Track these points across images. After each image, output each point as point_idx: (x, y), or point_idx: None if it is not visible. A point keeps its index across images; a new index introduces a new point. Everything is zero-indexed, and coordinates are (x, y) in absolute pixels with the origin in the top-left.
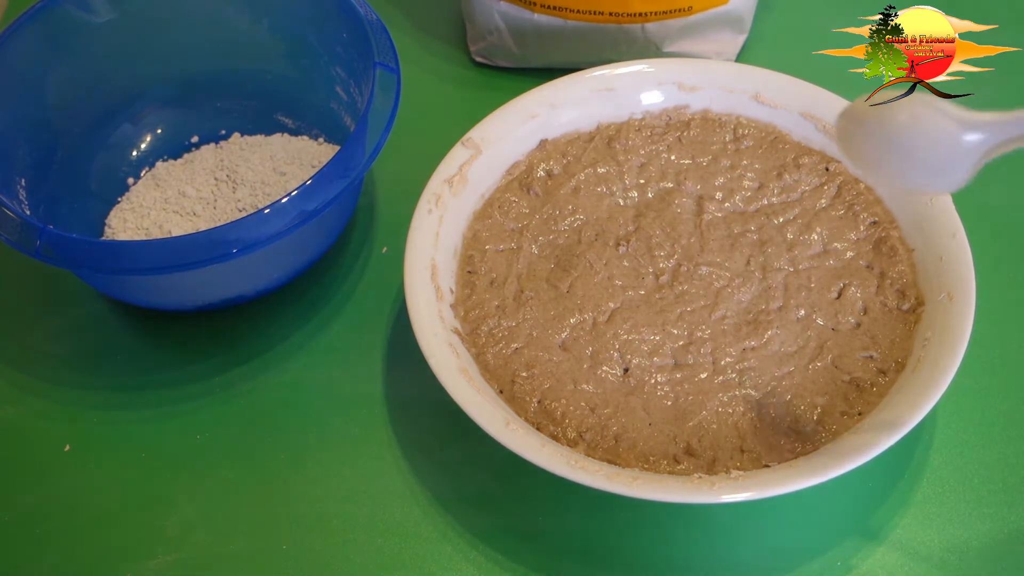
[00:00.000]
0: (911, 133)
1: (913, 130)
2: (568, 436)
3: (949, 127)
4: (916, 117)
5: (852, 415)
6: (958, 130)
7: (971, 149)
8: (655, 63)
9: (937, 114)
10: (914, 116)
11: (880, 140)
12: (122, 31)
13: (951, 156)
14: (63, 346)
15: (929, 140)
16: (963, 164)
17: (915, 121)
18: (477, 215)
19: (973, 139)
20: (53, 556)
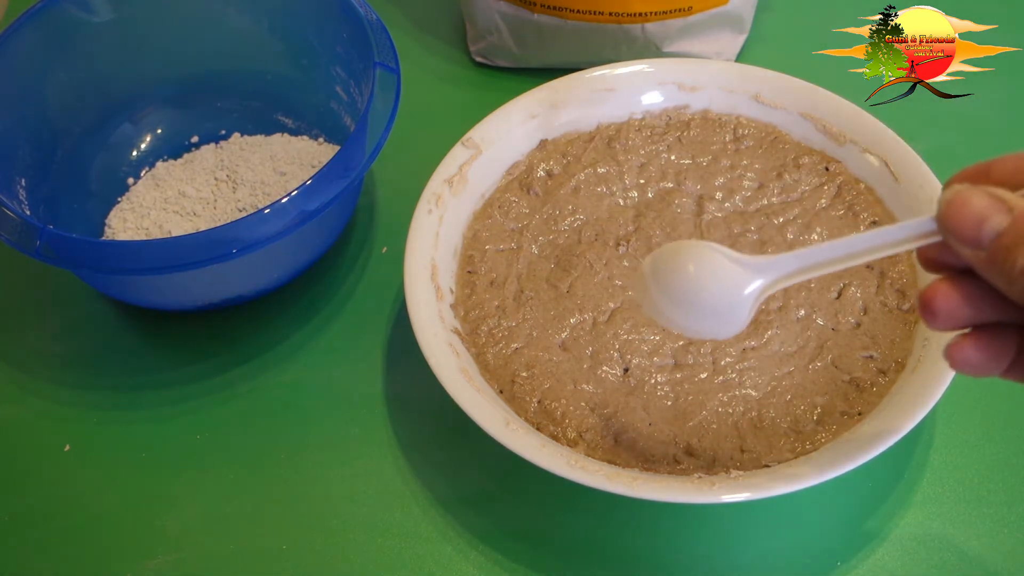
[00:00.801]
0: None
1: (705, 279)
2: (568, 436)
3: (740, 273)
4: (706, 266)
5: (852, 415)
6: (746, 273)
7: (753, 292)
8: (655, 63)
9: (727, 261)
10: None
11: (673, 291)
12: (122, 31)
13: (737, 301)
14: (63, 346)
15: (720, 288)
16: (745, 307)
17: (706, 271)
18: (477, 215)
19: (756, 283)
20: (53, 556)
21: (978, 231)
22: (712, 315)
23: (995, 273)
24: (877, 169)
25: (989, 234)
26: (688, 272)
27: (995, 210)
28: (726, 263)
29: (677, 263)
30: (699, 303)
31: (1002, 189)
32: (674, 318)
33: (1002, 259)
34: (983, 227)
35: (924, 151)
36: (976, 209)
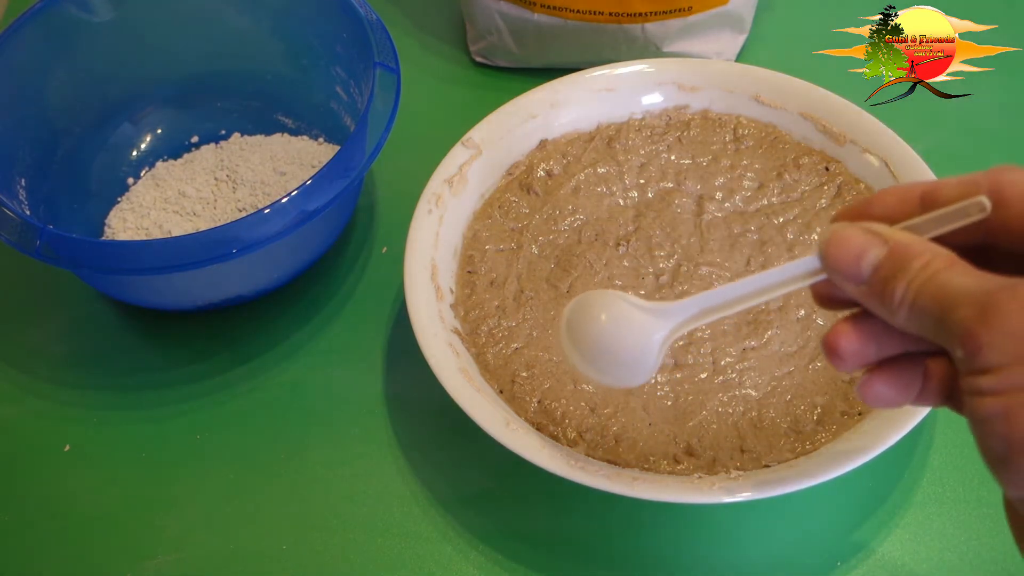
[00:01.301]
0: (617, 330)
1: (620, 327)
2: (568, 436)
3: (644, 319)
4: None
5: (852, 415)
6: (650, 318)
7: (660, 336)
8: (655, 63)
9: (633, 308)
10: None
11: (587, 344)
12: (122, 31)
13: (646, 347)
14: (63, 346)
15: (632, 333)
16: (654, 353)
17: (621, 319)
18: (477, 215)
19: (662, 325)
20: (53, 556)
21: (858, 266)
22: (622, 365)
23: (877, 305)
24: (877, 169)
25: (867, 268)
26: (600, 322)
27: (872, 244)
28: (634, 312)
29: (590, 315)
30: (610, 354)
31: (879, 224)
32: (588, 372)
33: (881, 290)
34: (861, 262)
35: (924, 151)
36: (854, 245)
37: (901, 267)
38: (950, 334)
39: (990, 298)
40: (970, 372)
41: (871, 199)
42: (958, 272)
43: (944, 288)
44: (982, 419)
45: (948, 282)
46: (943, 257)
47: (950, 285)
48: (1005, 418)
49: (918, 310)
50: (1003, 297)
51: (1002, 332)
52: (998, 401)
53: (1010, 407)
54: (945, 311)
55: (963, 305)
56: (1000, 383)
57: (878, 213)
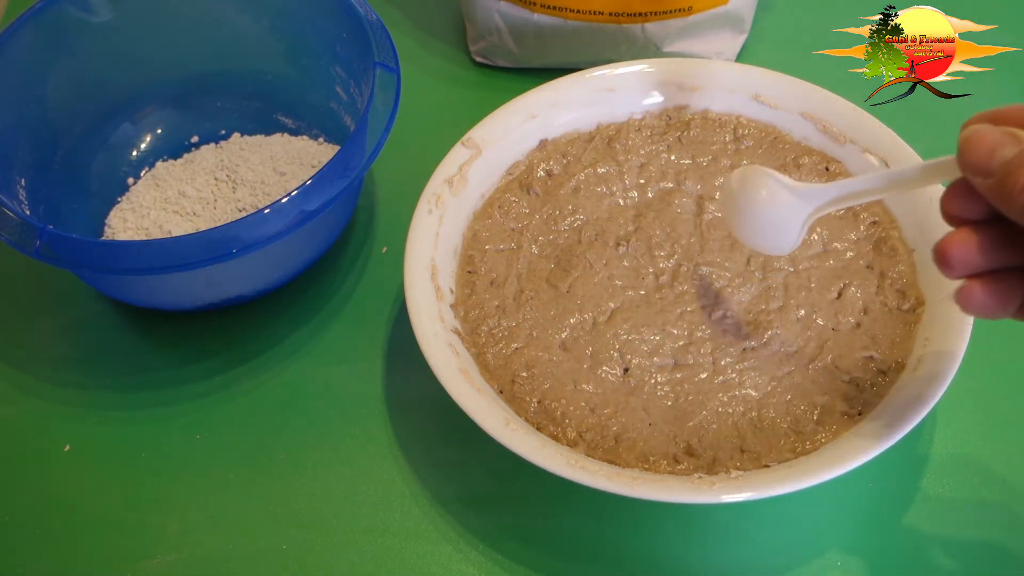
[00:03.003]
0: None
1: (768, 202)
2: (568, 436)
3: (790, 198)
4: (771, 192)
5: (852, 415)
6: (795, 198)
7: (803, 214)
8: (655, 63)
9: (782, 188)
10: (770, 191)
11: (743, 208)
12: (122, 31)
13: (790, 222)
14: (63, 346)
15: (778, 208)
16: (796, 228)
17: (771, 196)
18: (477, 215)
19: (805, 205)
20: (53, 556)
21: (989, 159)
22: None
23: (999, 195)
24: (877, 169)
25: (998, 161)
26: (760, 196)
27: (1006, 143)
28: (784, 192)
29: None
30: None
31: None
32: (746, 234)
33: (1006, 180)
34: (994, 156)
35: (924, 151)
36: (990, 141)
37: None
38: None
39: None
40: None
41: (1002, 111)
42: None
43: None
44: None
45: None
46: None
47: None
48: None
49: None
50: None
51: None
52: None
53: None
54: None
55: None
56: None
57: (1010, 122)
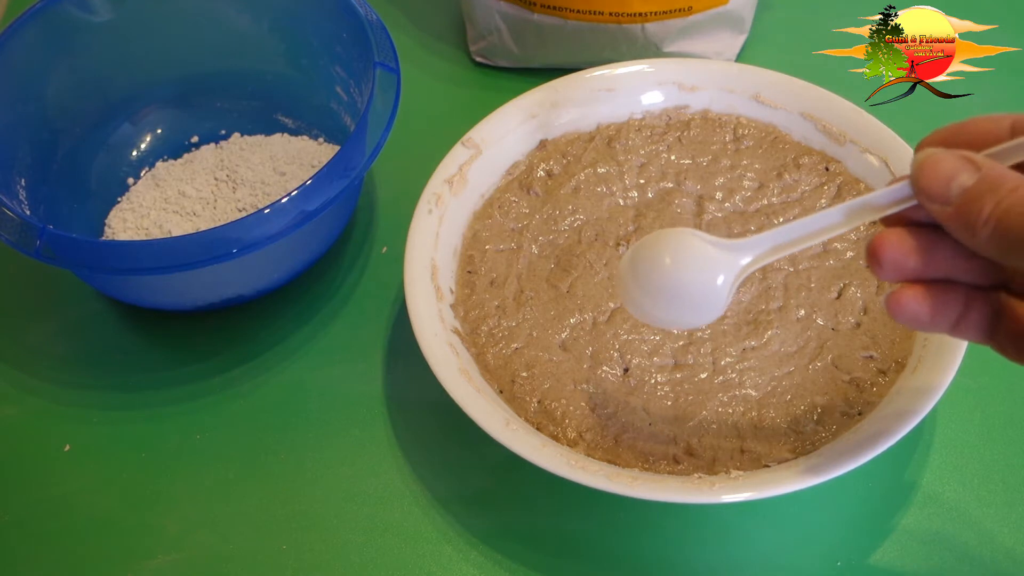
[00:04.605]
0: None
1: (683, 269)
2: (568, 436)
3: (715, 257)
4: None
5: (852, 415)
6: (722, 258)
7: (734, 274)
8: (655, 63)
9: (705, 246)
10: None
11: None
12: (122, 31)
13: (715, 288)
14: (63, 346)
15: (699, 275)
16: (726, 291)
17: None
18: (477, 215)
19: (735, 266)
20: (53, 556)
21: (947, 188)
22: (691, 305)
23: (960, 226)
24: (877, 169)
25: (957, 190)
26: (665, 264)
27: (963, 169)
28: (705, 248)
29: (654, 255)
30: (678, 294)
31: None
32: (653, 312)
33: (967, 210)
34: (952, 184)
35: None
36: (946, 168)
37: (990, 188)
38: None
39: None
40: None
41: (961, 125)
42: None
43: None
44: None
45: None
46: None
47: None
48: None
49: (1003, 229)
50: None
51: None
52: None
53: None
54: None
55: None
56: None
57: (966, 142)
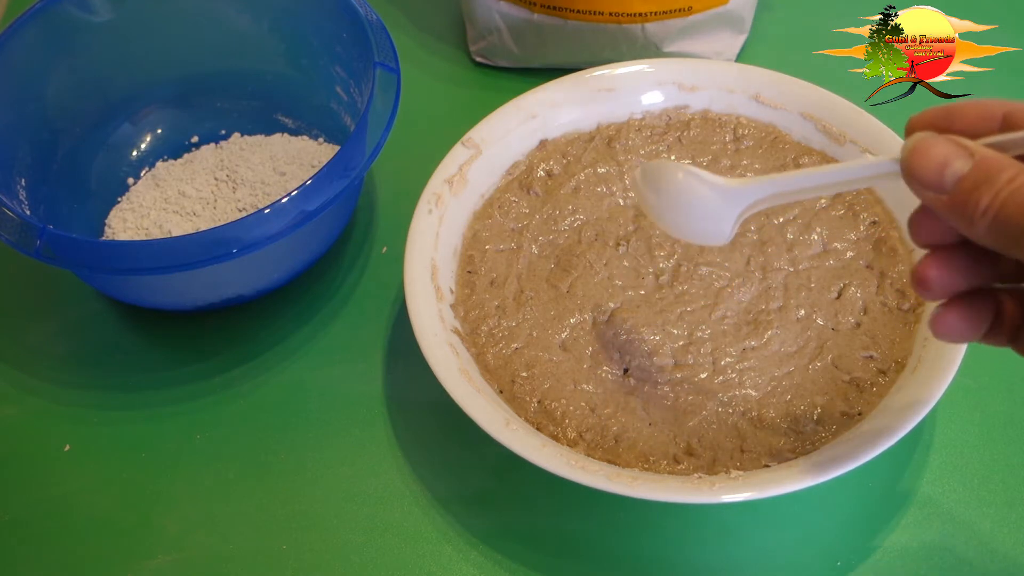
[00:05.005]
0: (685, 195)
1: (686, 193)
2: (568, 436)
3: (712, 195)
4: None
5: (852, 415)
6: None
7: (730, 212)
8: (655, 63)
9: (703, 185)
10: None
11: (663, 196)
12: (122, 31)
13: (717, 216)
14: (63, 346)
15: (700, 202)
16: (727, 222)
17: (688, 187)
18: (477, 215)
19: (731, 204)
20: (53, 556)
21: (940, 176)
22: (703, 218)
23: (956, 216)
24: None
25: (951, 178)
26: (678, 179)
27: (957, 156)
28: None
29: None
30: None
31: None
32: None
33: (963, 201)
34: (945, 172)
35: None
36: (939, 155)
37: (987, 178)
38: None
39: None
40: None
41: (952, 110)
42: None
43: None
44: None
45: None
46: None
47: None
48: None
49: (1002, 221)
50: None
51: None
52: None
53: None
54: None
55: None
56: None
57: (958, 128)
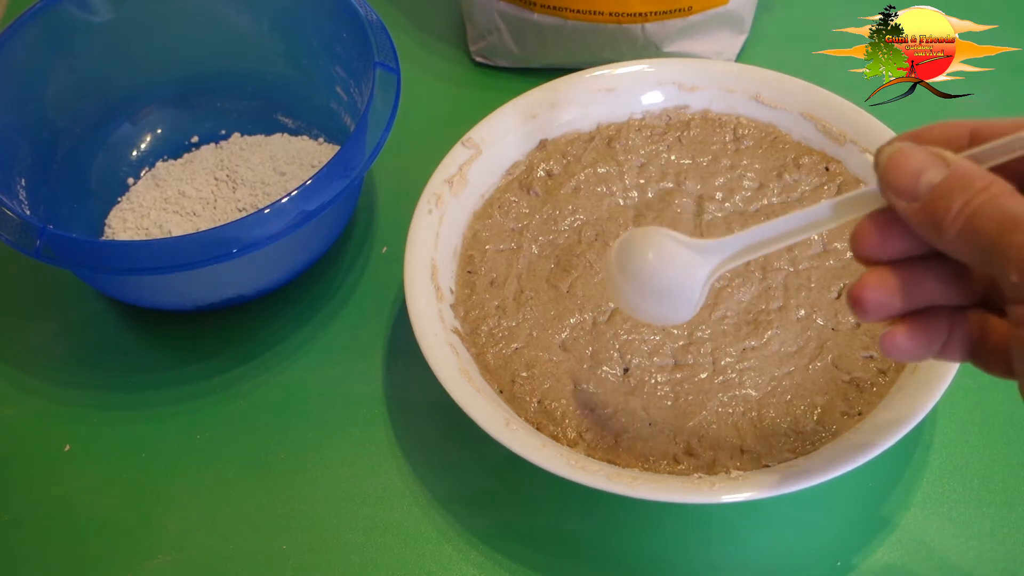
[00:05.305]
0: (660, 268)
1: (661, 266)
2: (568, 436)
3: (689, 257)
4: (661, 253)
5: (852, 415)
6: (697, 258)
7: (706, 273)
8: (655, 63)
9: (679, 246)
10: (660, 252)
11: (634, 280)
12: (122, 31)
13: (690, 285)
14: (63, 346)
15: (676, 272)
16: (698, 289)
17: (661, 257)
18: (477, 215)
19: (707, 265)
20: (53, 556)
21: (915, 183)
22: (669, 300)
23: (927, 223)
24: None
25: (925, 186)
26: (647, 259)
27: (933, 164)
28: (679, 249)
29: (637, 253)
30: (657, 288)
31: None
32: (638, 303)
33: (935, 207)
34: (920, 180)
35: None
36: (915, 163)
37: (961, 185)
38: (1004, 258)
39: None
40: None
41: (920, 131)
42: (1019, 200)
43: (1004, 211)
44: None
45: (1008, 206)
46: (1003, 184)
47: (1010, 209)
48: None
49: (972, 230)
50: None
51: None
52: None
53: None
54: (1002, 233)
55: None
56: None
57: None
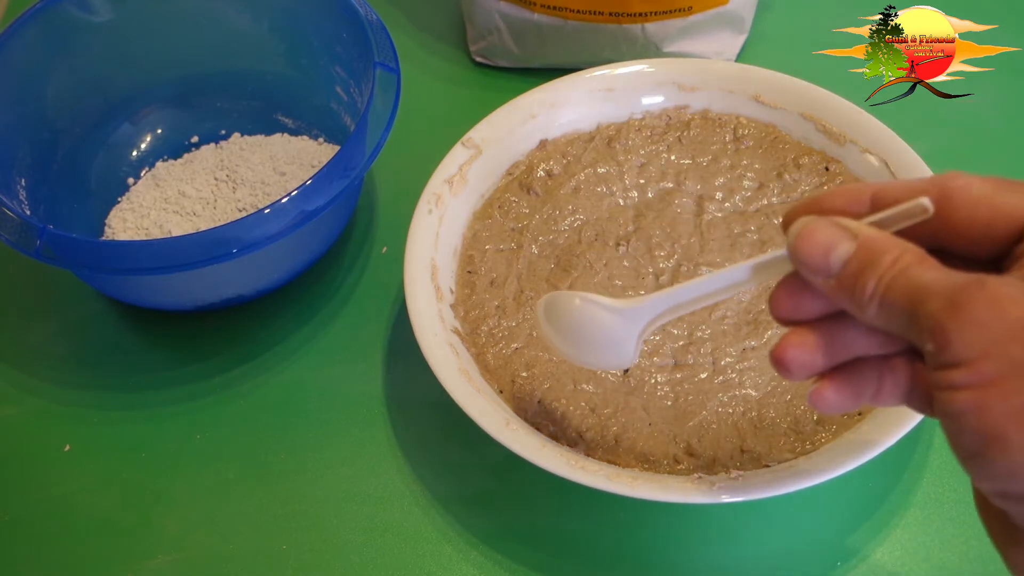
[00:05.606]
0: (588, 326)
1: (588, 324)
2: (568, 436)
3: (611, 319)
4: (585, 314)
5: (852, 415)
6: (618, 320)
7: (631, 332)
8: (655, 63)
9: (601, 311)
10: (584, 313)
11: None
12: (122, 31)
13: (618, 340)
14: (63, 346)
15: (600, 330)
16: (629, 343)
17: (586, 317)
18: (477, 215)
19: (630, 324)
20: (53, 556)
21: (827, 260)
22: (601, 349)
23: (847, 299)
24: (877, 169)
25: (837, 262)
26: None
27: (840, 238)
28: (603, 314)
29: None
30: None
31: (846, 218)
32: (569, 352)
33: (851, 285)
34: (831, 256)
35: (924, 151)
36: (823, 238)
37: (871, 262)
38: (920, 328)
39: (959, 292)
40: (940, 366)
41: (821, 197)
42: (928, 267)
43: (914, 283)
44: (953, 413)
45: (918, 277)
46: (912, 252)
47: (920, 280)
48: (976, 412)
49: (888, 305)
50: (972, 290)
51: (972, 325)
52: (969, 395)
53: (981, 400)
54: (915, 305)
55: (933, 299)
56: (970, 376)
57: (837, 207)
